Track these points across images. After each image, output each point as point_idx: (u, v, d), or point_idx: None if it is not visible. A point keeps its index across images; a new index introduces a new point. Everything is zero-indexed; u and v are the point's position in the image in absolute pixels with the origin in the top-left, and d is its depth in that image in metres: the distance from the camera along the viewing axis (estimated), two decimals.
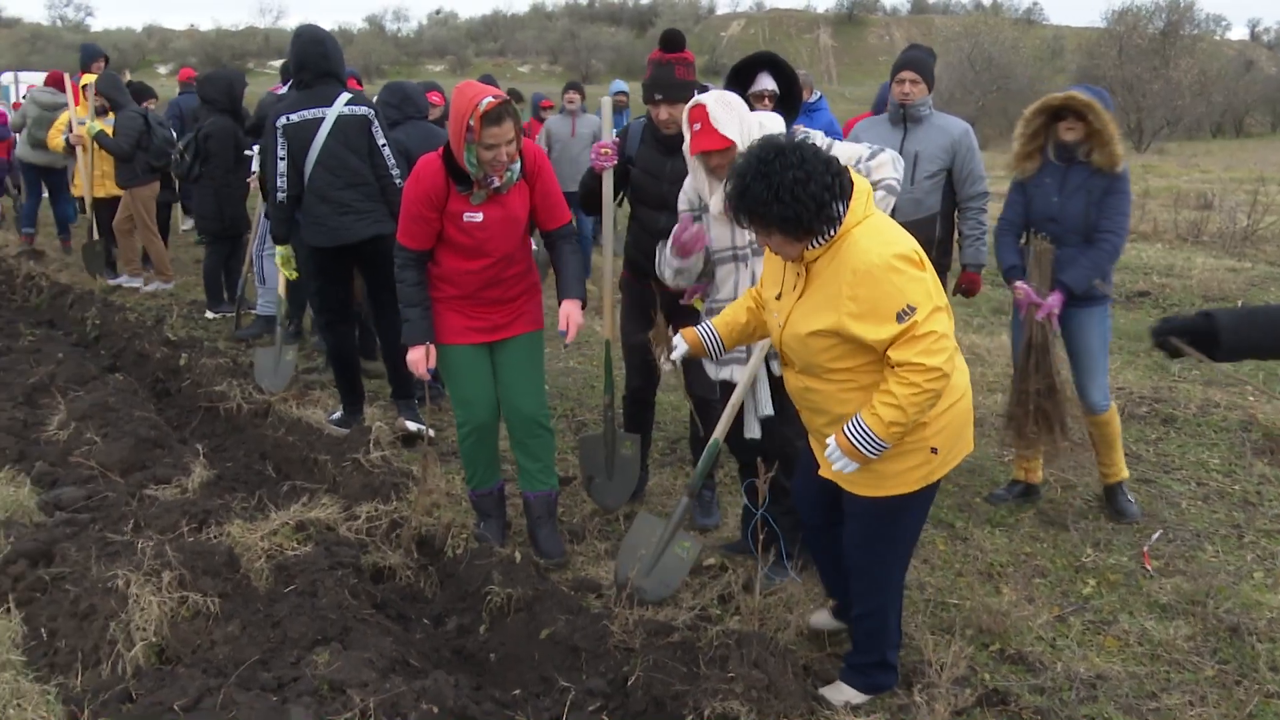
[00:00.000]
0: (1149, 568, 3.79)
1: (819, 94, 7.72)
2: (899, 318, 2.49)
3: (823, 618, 3.25)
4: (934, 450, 2.67)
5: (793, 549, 3.58)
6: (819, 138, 3.27)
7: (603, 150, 3.96)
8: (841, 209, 2.55)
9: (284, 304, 6.02)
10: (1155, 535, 4.06)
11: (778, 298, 2.80)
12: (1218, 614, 3.44)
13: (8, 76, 19.44)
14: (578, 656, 3.04)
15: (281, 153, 4.75)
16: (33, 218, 10.12)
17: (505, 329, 3.72)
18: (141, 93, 8.73)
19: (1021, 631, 3.33)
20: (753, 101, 3.99)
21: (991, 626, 3.32)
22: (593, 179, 4.06)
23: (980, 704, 2.93)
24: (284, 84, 6.89)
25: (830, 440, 2.69)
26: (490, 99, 3.31)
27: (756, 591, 3.28)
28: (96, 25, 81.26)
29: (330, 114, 4.71)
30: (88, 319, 7.05)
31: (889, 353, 2.54)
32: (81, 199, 8.56)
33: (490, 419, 3.82)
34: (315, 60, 4.78)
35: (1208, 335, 2.30)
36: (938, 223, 4.48)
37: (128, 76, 9.47)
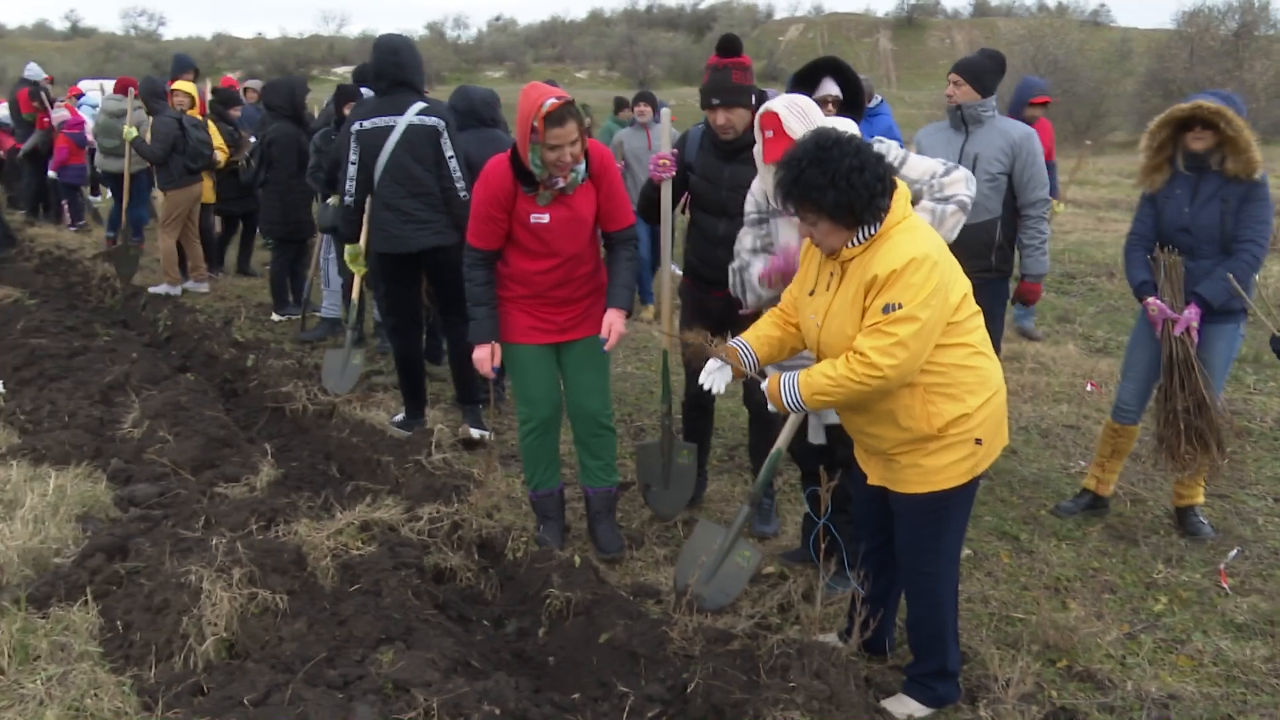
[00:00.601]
0: (1225, 586, 3.68)
1: (879, 98, 7.63)
2: (885, 309, 2.57)
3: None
4: (978, 441, 2.70)
5: (855, 558, 3.54)
6: (894, 149, 3.24)
7: (661, 161, 3.96)
8: (887, 203, 2.61)
9: (353, 307, 6.11)
10: (1232, 553, 3.93)
11: (811, 294, 2.84)
12: None
13: (91, 85, 20.00)
14: (636, 662, 3.04)
15: (353, 157, 4.85)
16: (116, 221, 10.45)
17: (572, 330, 3.75)
18: (228, 100, 8.91)
19: (1090, 648, 3.25)
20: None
21: (1059, 642, 3.25)
22: (652, 189, 4.07)
23: None
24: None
25: (768, 375, 2.85)
26: (554, 100, 3.35)
27: (817, 601, 3.25)
28: (168, 34, 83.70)
29: (400, 123, 4.78)
30: (160, 320, 7.26)
31: (858, 338, 2.64)
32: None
33: (553, 418, 3.86)
34: (390, 69, 4.86)
35: None
36: (998, 227, 4.41)
37: (208, 85, 9.71)
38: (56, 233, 11.15)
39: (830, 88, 3.91)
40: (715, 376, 3.05)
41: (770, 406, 2.87)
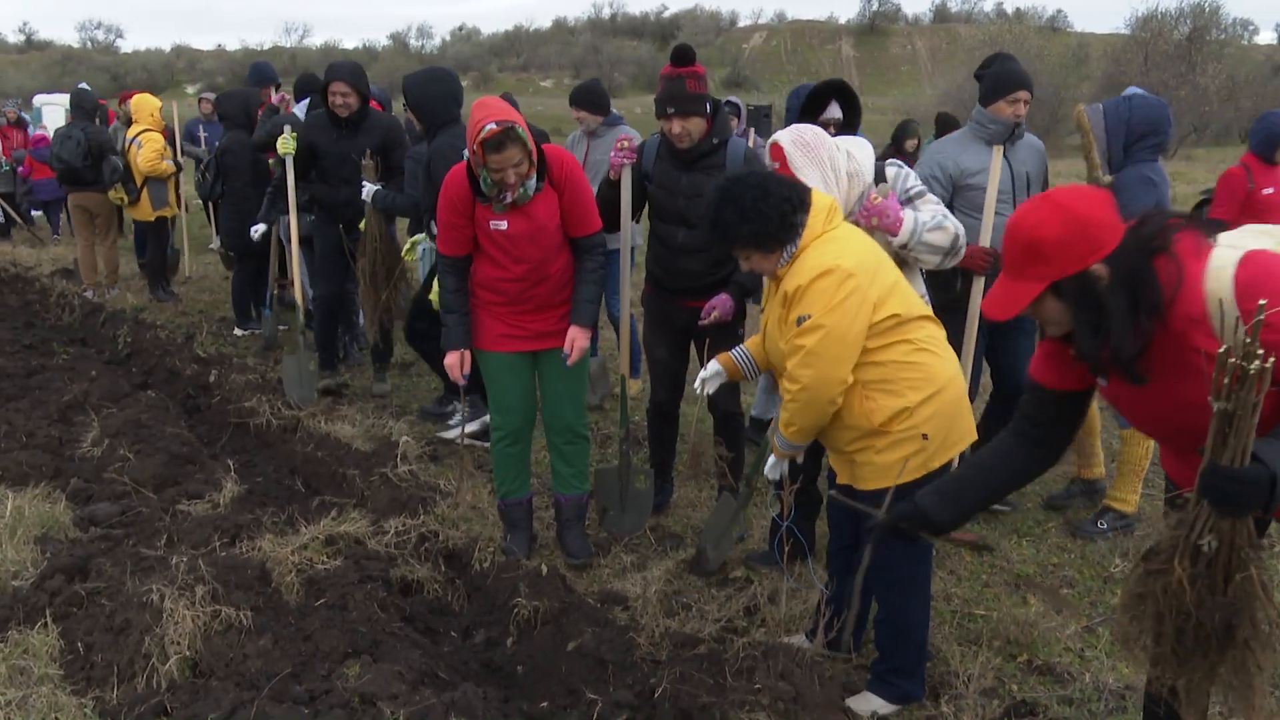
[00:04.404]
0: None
1: None
2: (798, 321, 2.72)
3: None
4: (925, 436, 2.77)
5: (819, 559, 3.59)
6: (913, 178, 3.35)
7: (623, 144, 3.97)
8: (803, 219, 2.76)
9: (302, 313, 6.10)
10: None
11: (761, 310, 3.04)
12: None
13: (49, 99, 19.70)
14: (604, 668, 3.05)
15: None
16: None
17: (550, 337, 3.76)
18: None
19: (1050, 643, 3.31)
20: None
21: (1019, 638, 3.31)
22: (610, 188, 4.06)
23: (1008, 715, 2.92)
24: (298, 100, 7.00)
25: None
26: (492, 125, 3.30)
27: (782, 603, 3.28)
28: (126, 46, 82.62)
29: None
30: (119, 337, 7.17)
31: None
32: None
33: (526, 426, 3.88)
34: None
35: (924, 522, 2.39)
36: None
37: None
38: (12, 250, 10.98)
39: (834, 111, 3.97)
40: (711, 381, 3.27)
41: (774, 460, 3.08)
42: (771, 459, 3.13)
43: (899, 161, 3.40)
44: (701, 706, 2.73)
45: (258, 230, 6.75)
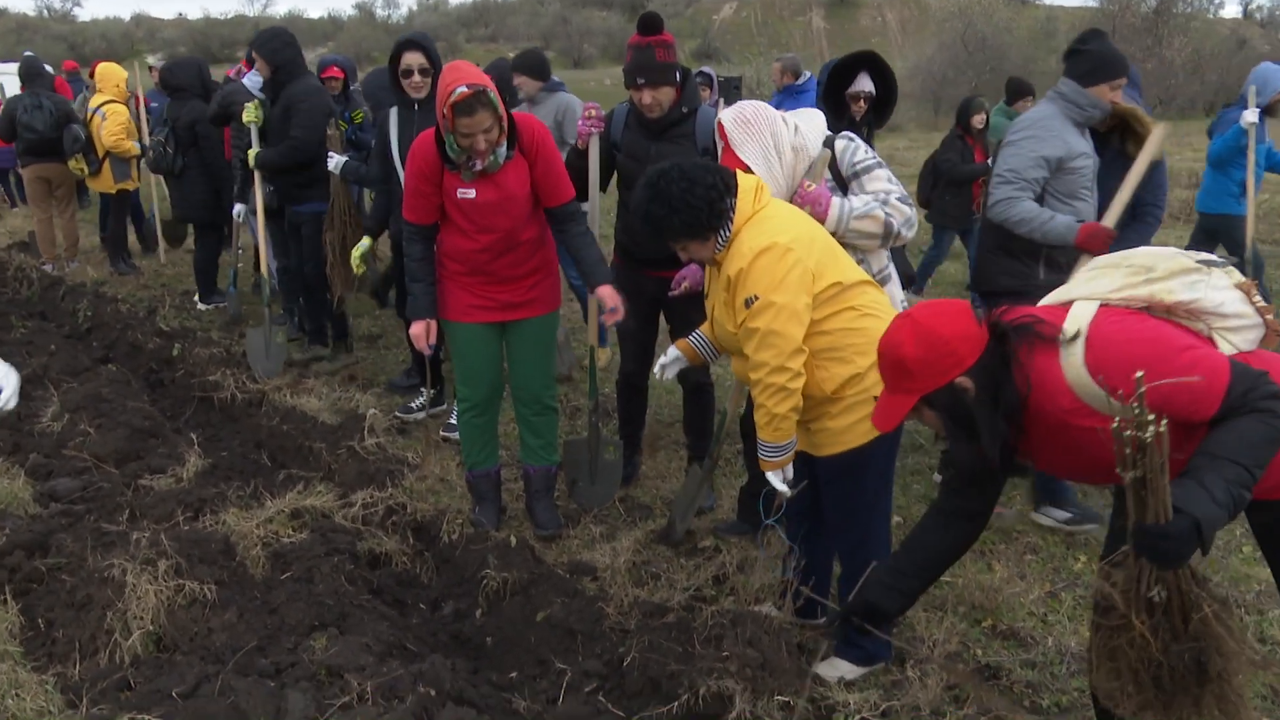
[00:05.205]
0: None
1: (808, 74, 7.74)
2: (746, 303, 2.73)
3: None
4: (876, 399, 2.73)
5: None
6: (862, 150, 3.25)
7: (590, 113, 3.93)
8: (731, 202, 2.77)
9: (269, 286, 6.02)
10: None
11: (705, 296, 3.04)
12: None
13: (4, 68, 19.09)
14: (574, 639, 3.06)
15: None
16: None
17: (519, 309, 3.72)
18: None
19: (1014, 608, 3.36)
20: (849, 102, 3.90)
21: (984, 603, 3.35)
22: (578, 158, 4.01)
23: (972, 678, 2.96)
24: (249, 68, 6.85)
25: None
26: (463, 89, 3.24)
27: (755, 577, 3.30)
28: (84, 15, 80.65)
29: None
30: (80, 311, 7.03)
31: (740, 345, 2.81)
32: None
33: (492, 398, 3.86)
34: None
35: (876, 613, 2.51)
36: None
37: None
38: None
39: (865, 83, 3.88)
40: (670, 367, 3.27)
41: (774, 476, 2.94)
42: (772, 477, 2.96)
43: (850, 134, 3.34)
44: (670, 674, 2.75)
45: (239, 210, 6.46)
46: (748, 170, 3.04)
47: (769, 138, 3.11)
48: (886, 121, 4.09)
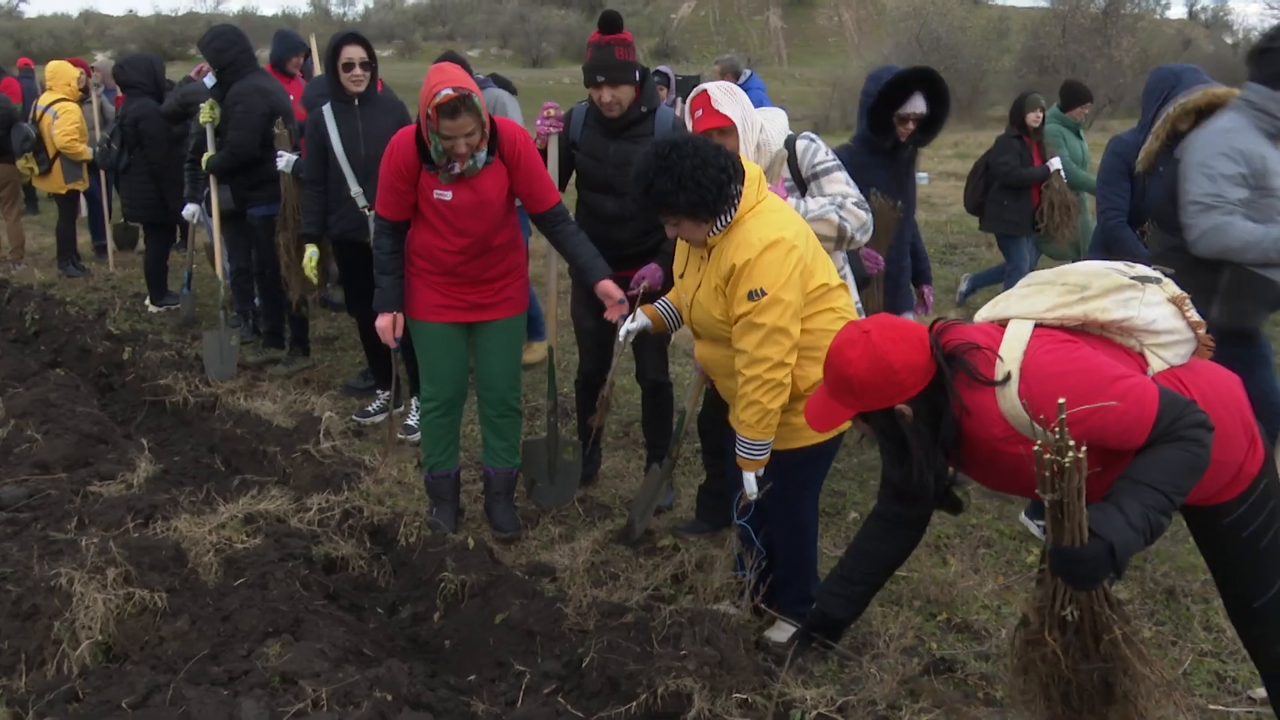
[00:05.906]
0: None
1: (749, 73, 7.90)
2: (750, 296, 2.69)
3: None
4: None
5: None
6: (822, 150, 3.31)
7: (549, 112, 3.93)
8: (739, 189, 2.72)
9: (224, 289, 5.93)
10: None
11: (681, 276, 3.01)
12: (1154, 577, 3.55)
13: None
14: (532, 640, 3.05)
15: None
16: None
17: (486, 310, 3.71)
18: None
19: (968, 601, 3.41)
20: (896, 123, 3.83)
21: (939, 597, 3.40)
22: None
23: (927, 672, 3.00)
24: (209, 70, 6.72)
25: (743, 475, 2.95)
26: (449, 91, 3.24)
27: (716, 574, 3.31)
28: (31, 11, 78.80)
29: None
30: (26, 314, 6.87)
31: (734, 337, 2.76)
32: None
33: (458, 397, 3.84)
34: None
35: (829, 624, 2.69)
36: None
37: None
38: None
39: (918, 105, 3.75)
40: (633, 329, 3.26)
41: (750, 476, 2.95)
42: (748, 478, 2.97)
43: (811, 135, 3.37)
44: (628, 674, 2.75)
45: (191, 212, 6.28)
46: (727, 126, 3.12)
47: (747, 110, 3.22)
48: (933, 140, 3.90)
